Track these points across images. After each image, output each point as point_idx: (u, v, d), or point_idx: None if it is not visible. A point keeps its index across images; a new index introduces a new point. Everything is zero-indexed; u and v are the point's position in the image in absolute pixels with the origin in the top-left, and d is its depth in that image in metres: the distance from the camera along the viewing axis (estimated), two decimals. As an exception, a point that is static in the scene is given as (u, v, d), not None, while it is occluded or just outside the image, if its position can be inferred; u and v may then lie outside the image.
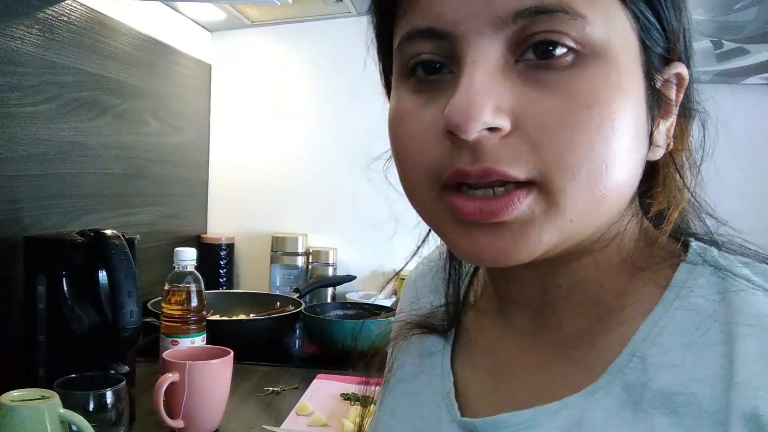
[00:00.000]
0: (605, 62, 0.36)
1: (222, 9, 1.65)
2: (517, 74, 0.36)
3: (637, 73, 0.38)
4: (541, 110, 0.35)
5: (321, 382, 1.18)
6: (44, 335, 0.94)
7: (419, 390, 0.51)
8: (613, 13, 0.36)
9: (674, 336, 0.38)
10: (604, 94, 0.36)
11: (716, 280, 0.39)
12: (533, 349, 0.45)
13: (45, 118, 1.13)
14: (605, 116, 0.36)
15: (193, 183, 1.82)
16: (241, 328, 1.38)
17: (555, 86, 0.35)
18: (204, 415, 0.94)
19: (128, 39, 1.40)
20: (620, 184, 0.38)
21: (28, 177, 1.10)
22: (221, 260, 1.80)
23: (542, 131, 0.35)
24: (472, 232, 0.38)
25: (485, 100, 0.35)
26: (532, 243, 0.37)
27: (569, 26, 0.35)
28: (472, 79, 0.35)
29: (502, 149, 0.36)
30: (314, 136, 1.85)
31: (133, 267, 0.94)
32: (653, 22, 0.38)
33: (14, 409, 0.69)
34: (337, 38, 1.81)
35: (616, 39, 0.36)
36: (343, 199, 1.84)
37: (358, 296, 1.72)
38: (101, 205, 1.33)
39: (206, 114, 1.86)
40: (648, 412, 0.37)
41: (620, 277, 0.42)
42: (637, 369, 0.39)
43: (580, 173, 0.36)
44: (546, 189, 0.36)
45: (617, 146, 0.36)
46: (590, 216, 0.38)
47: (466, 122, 0.35)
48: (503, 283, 0.48)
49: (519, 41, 0.36)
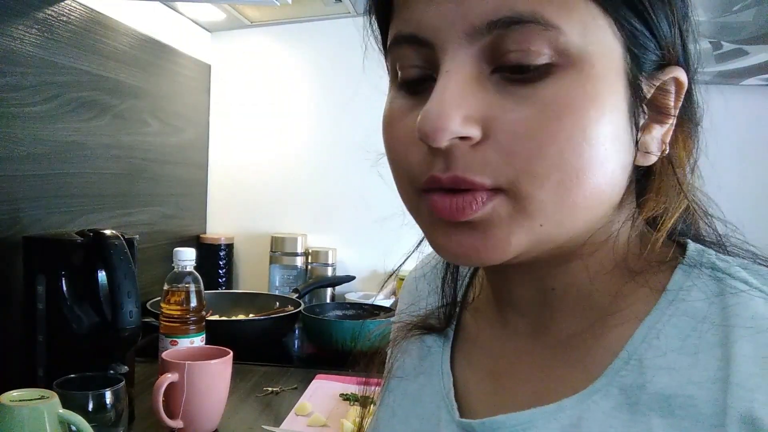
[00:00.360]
0: (580, 72, 0.36)
1: (222, 9, 1.65)
2: (493, 84, 0.37)
3: (618, 82, 0.37)
4: (512, 119, 0.36)
5: (320, 383, 1.18)
6: (43, 335, 0.94)
7: (419, 390, 0.51)
8: (592, 22, 0.36)
9: (671, 339, 0.38)
10: (577, 104, 0.36)
11: (713, 282, 0.40)
12: (531, 350, 0.46)
13: (45, 118, 1.14)
14: (578, 125, 0.36)
15: (193, 183, 1.82)
16: (241, 329, 1.38)
17: (528, 97, 0.36)
18: (203, 416, 0.94)
19: (128, 39, 1.40)
20: (596, 191, 0.38)
21: (28, 177, 1.10)
22: (220, 260, 1.80)
23: (512, 140, 0.36)
24: (447, 230, 0.39)
25: (454, 111, 0.36)
26: (500, 244, 0.38)
27: (543, 37, 0.35)
28: (444, 89, 0.36)
29: (473, 157, 0.37)
30: (314, 136, 1.85)
31: (132, 267, 0.94)
32: (641, 29, 0.38)
33: (13, 409, 0.68)
34: (337, 38, 1.81)
35: (595, 48, 0.36)
36: (342, 199, 1.84)
37: (357, 296, 1.72)
38: (101, 205, 1.33)
39: (206, 114, 1.86)
40: (645, 414, 0.37)
41: (614, 280, 0.42)
42: (634, 371, 0.39)
43: (549, 181, 0.36)
44: (513, 194, 0.37)
45: (590, 155, 0.36)
46: (563, 222, 0.38)
47: (434, 132, 0.36)
48: (500, 284, 0.48)
49: (494, 54, 0.36)
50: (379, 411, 0.54)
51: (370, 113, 1.99)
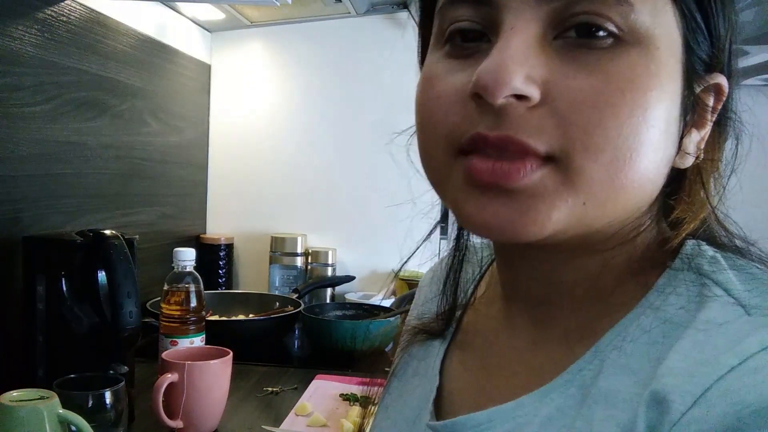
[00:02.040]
0: (646, 51, 0.35)
1: (221, 9, 1.65)
2: (555, 50, 0.36)
3: (676, 71, 0.37)
4: (573, 86, 0.35)
5: (320, 383, 1.18)
6: (43, 335, 0.94)
7: (412, 391, 0.51)
8: (662, 5, 0.35)
9: (638, 343, 0.37)
10: (641, 81, 0.35)
11: (696, 287, 0.38)
12: (527, 346, 0.45)
13: (44, 118, 1.13)
14: (639, 104, 0.35)
15: (193, 183, 1.82)
16: (241, 329, 1.38)
17: (592, 65, 0.35)
18: (203, 416, 0.94)
19: (128, 39, 1.40)
20: (642, 178, 0.37)
21: (28, 177, 1.10)
22: (220, 260, 1.80)
23: (572, 107, 0.34)
24: (482, 198, 0.37)
25: (517, 67, 0.34)
26: (540, 218, 0.36)
27: (614, 11, 0.34)
28: (508, 44, 0.35)
29: (527, 119, 0.35)
30: (313, 136, 1.85)
31: (132, 267, 0.94)
32: (700, 23, 0.37)
33: (13, 409, 0.68)
34: (337, 39, 1.81)
35: (661, 31, 0.35)
36: (342, 199, 1.84)
37: (357, 297, 1.72)
38: (100, 205, 1.33)
39: (206, 114, 1.86)
40: (591, 407, 0.37)
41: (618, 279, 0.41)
42: (595, 369, 0.38)
43: (603, 156, 0.35)
44: (564, 165, 0.35)
45: (646, 138, 0.35)
46: (605, 204, 0.36)
47: (494, 85, 0.34)
48: (509, 277, 0.47)
49: (561, 18, 0.35)
50: (377, 410, 0.55)
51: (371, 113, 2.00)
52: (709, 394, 0.32)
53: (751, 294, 0.36)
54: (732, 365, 0.32)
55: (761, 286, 0.37)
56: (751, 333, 0.33)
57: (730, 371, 0.32)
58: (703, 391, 0.32)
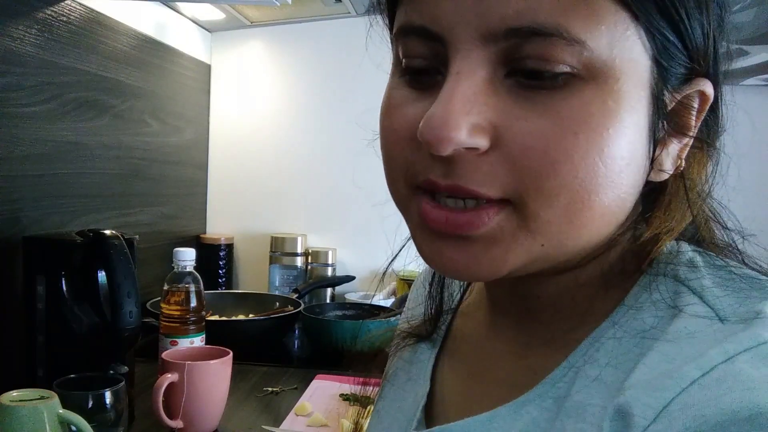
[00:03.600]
0: (603, 86, 0.33)
1: (221, 9, 1.65)
2: (506, 89, 0.34)
3: (641, 96, 0.35)
4: (524, 130, 0.33)
5: (320, 383, 1.18)
6: (43, 335, 0.94)
7: (404, 397, 0.51)
8: (621, 33, 0.33)
9: (611, 354, 0.37)
10: (596, 120, 0.33)
11: (670, 295, 0.37)
12: (508, 355, 0.45)
13: (44, 118, 1.13)
14: (593, 143, 0.33)
15: (193, 183, 1.82)
16: (241, 329, 1.38)
17: (543, 107, 0.33)
18: (203, 416, 0.94)
19: (128, 39, 1.40)
20: (605, 213, 0.36)
21: (28, 177, 1.10)
22: (220, 260, 1.80)
23: (523, 152, 0.33)
24: (436, 241, 0.37)
25: (461, 119, 0.33)
26: (495, 262, 0.36)
27: (564, 52, 0.32)
28: (453, 93, 0.34)
29: (478, 166, 0.34)
30: (313, 136, 1.85)
31: (132, 267, 0.94)
32: (672, 40, 0.35)
33: (13, 409, 0.69)
34: (337, 39, 1.81)
35: (621, 61, 0.33)
36: (342, 199, 1.84)
37: (357, 297, 1.72)
38: (100, 205, 1.33)
39: (206, 114, 1.86)
40: (563, 420, 0.36)
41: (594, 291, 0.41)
42: (569, 382, 0.38)
43: (558, 200, 0.34)
44: (519, 209, 0.35)
45: (605, 176, 0.34)
46: (565, 243, 0.36)
47: (438, 142, 0.33)
48: (491, 289, 0.48)
49: (510, 57, 0.34)
50: (372, 415, 0.55)
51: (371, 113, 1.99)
52: (671, 408, 0.31)
53: (727, 300, 0.35)
54: (694, 378, 0.31)
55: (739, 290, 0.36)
56: (717, 343, 0.33)
57: (691, 384, 0.31)
58: (665, 404, 0.31)
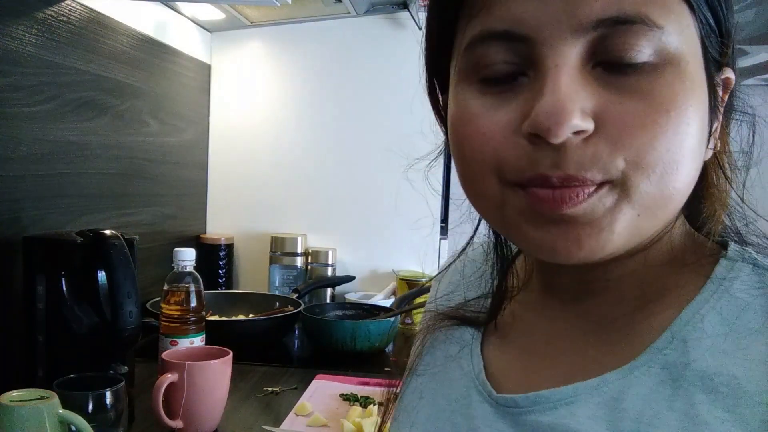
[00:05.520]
0: (678, 68, 0.37)
1: (221, 9, 1.65)
2: (596, 78, 0.38)
3: (702, 78, 0.39)
4: (621, 111, 0.37)
5: (320, 383, 1.18)
6: (43, 335, 0.94)
7: (448, 374, 0.52)
8: (686, 21, 0.38)
9: (715, 324, 0.40)
10: (680, 98, 0.37)
11: (755, 276, 0.41)
12: (568, 333, 0.47)
13: (44, 118, 1.14)
14: (681, 119, 0.37)
15: (193, 183, 1.82)
16: (241, 329, 1.38)
17: (633, 90, 0.37)
18: (203, 416, 0.94)
19: (127, 39, 1.40)
20: (686, 183, 0.39)
21: (28, 177, 1.10)
22: (220, 260, 1.80)
23: (623, 131, 0.37)
24: (545, 224, 0.39)
25: (573, 105, 0.36)
26: (603, 236, 0.38)
27: (647, 37, 0.36)
28: (558, 83, 0.37)
29: (584, 151, 0.37)
30: (314, 136, 1.85)
31: (132, 267, 0.94)
32: (714, 27, 0.39)
33: (13, 409, 0.69)
34: (337, 39, 1.81)
35: (687, 46, 0.38)
36: (342, 199, 1.84)
37: (357, 297, 1.72)
38: (100, 205, 1.33)
39: (206, 114, 1.86)
40: (687, 389, 0.39)
41: (666, 271, 0.44)
42: (678, 350, 0.40)
43: (655, 172, 0.37)
44: (620, 184, 0.37)
45: (687, 148, 0.38)
46: (657, 213, 0.39)
47: (557, 126, 0.36)
48: (550, 274, 0.49)
49: (597, 48, 0.37)
50: (406, 395, 0.55)
51: (370, 113, 2.00)
52: None
53: None
54: None
55: None
56: None
57: None
58: None
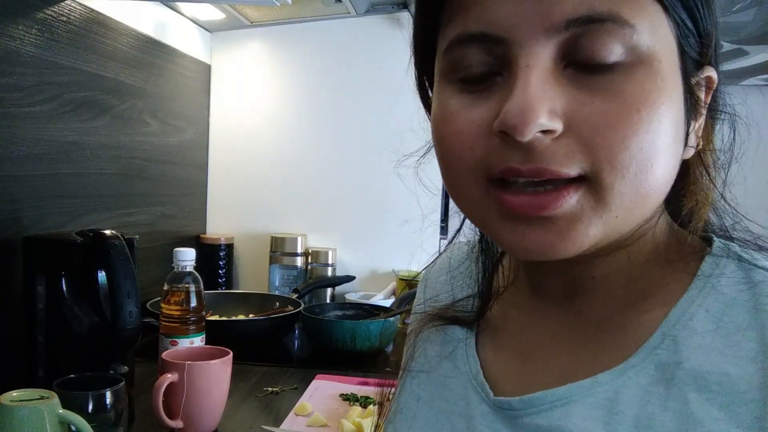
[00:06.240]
0: (650, 67, 0.37)
1: (221, 9, 1.65)
2: (567, 78, 0.38)
3: (677, 77, 0.39)
4: (592, 111, 0.37)
5: (320, 383, 1.18)
6: (43, 335, 0.94)
7: (444, 375, 0.52)
8: (659, 21, 0.38)
9: (704, 321, 0.41)
10: (652, 97, 0.37)
11: (740, 272, 0.42)
12: (561, 334, 0.47)
13: (44, 118, 1.13)
14: (653, 118, 0.37)
15: (193, 183, 1.82)
16: (241, 329, 1.38)
17: (604, 89, 0.37)
18: (203, 416, 0.94)
19: (127, 39, 1.40)
20: (661, 182, 0.40)
21: (28, 177, 1.10)
22: (220, 260, 1.80)
23: (594, 132, 0.37)
24: (519, 226, 0.40)
25: (541, 104, 0.37)
26: (578, 237, 0.39)
27: (618, 36, 0.37)
28: (528, 83, 0.37)
29: (554, 150, 0.37)
30: (314, 136, 1.85)
31: (132, 267, 0.94)
32: (691, 28, 0.40)
33: (13, 409, 0.69)
34: (337, 39, 1.81)
35: (660, 46, 0.38)
36: (342, 199, 1.84)
37: (357, 297, 1.72)
38: (100, 205, 1.33)
39: (206, 114, 1.86)
40: (681, 388, 0.39)
41: (651, 268, 0.44)
42: (670, 349, 0.41)
43: (629, 172, 0.37)
44: (595, 185, 0.38)
45: (661, 146, 0.38)
46: (634, 212, 0.39)
47: (523, 125, 0.36)
48: (536, 274, 0.50)
49: (569, 49, 0.38)
50: (402, 397, 0.55)
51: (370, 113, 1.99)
52: None
53: None
54: None
55: None
56: None
57: None
58: None
